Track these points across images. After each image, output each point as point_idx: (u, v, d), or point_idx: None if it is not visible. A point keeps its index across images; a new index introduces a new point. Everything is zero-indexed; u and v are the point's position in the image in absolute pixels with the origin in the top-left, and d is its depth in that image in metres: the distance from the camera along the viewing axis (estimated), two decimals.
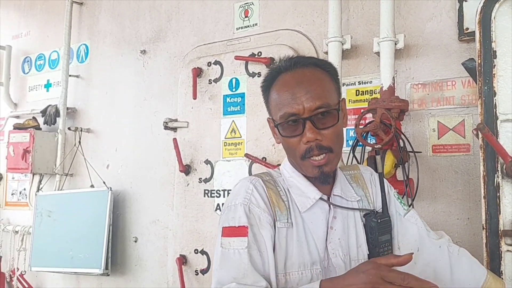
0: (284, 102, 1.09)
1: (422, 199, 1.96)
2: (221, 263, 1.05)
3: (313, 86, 1.08)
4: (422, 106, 2.01)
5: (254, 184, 1.13)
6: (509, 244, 1.44)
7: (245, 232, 1.06)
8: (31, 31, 3.61)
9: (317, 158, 1.08)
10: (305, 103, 1.06)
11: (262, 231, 1.08)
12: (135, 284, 2.83)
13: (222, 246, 1.07)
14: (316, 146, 1.07)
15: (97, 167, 3.02)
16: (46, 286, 3.27)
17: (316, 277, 1.10)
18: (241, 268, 1.02)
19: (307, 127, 1.06)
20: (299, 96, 1.07)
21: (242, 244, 1.05)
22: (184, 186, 2.58)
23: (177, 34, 2.79)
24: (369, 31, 2.15)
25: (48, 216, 3.00)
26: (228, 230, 1.08)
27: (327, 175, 1.12)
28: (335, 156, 1.12)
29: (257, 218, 1.08)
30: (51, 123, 3.16)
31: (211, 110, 2.54)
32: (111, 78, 3.08)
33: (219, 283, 1.02)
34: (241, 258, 1.03)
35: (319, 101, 1.07)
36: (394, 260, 0.91)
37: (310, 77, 1.10)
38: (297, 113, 1.07)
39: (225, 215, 1.11)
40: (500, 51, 1.52)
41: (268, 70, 1.20)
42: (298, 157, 1.11)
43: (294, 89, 1.08)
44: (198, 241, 2.50)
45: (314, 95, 1.07)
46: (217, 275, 1.04)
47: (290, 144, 1.11)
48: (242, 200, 1.10)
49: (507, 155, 1.42)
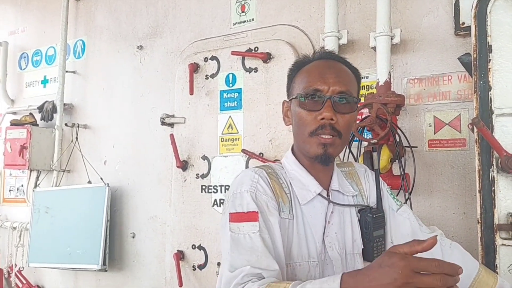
0: (313, 79, 1.15)
1: (418, 194, 1.97)
2: (232, 247, 1.04)
3: (342, 73, 1.16)
4: (418, 101, 2.02)
5: (259, 174, 1.15)
6: (503, 238, 1.45)
7: (256, 217, 1.06)
8: (27, 27, 3.60)
9: (325, 136, 1.11)
10: (331, 84, 1.12)
11: (271, 217, 1.09)
12: (133, 279, 2.84)
13: (231, 231, 1.07)
14: (329, 125, 1.11)
15: (94, 163, 3.02)
16: (44, 282, 3.28)
17: (313, 270, 1.12)
18: (254, 251, 1.02)
19: (326, 105, 1.11)
20: (328, 77, 1.13)
21: (253, 229, 1.05)
22: (181, 182, 2.59)
23: (174, 29, 2.79)
24: (365, 26, 2.15)
25: (46, 212, 3.01)
26: (236, 215, 1.08)
27: (329, 157, 1.14)
28: (341, 143, 1.15)
29: (265, 205, 1.09)
30: (48, 119, 3.16)
31: (208, 106, 2.54)
32: (108, 74, 3.08)
33: (232, 266, 1.01)
34: (253, 242, 1.03)
35: (344, 87, 1.13)
36: (418, 247, 0.80)
37: (340, 67, 1.18)
38: (321, 90, 1.12)
39: (231, 202, 1.11)
40: (496, 45, 1.52)
41: (301, 56, 1.26)
42: (307, 133, 1.13)
43: (325, 70, 1.15)
44: (195, 236, 2.50)
45: (341, 80, 1.14)
46: (230, 259, 1.03)
47: (304, 118, 1.14)
48: (249, 187, 1.11)
49: (502, 150, 1.42)
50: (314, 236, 1.14)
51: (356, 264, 1.19)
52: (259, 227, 1.05)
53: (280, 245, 1.07)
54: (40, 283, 3.28)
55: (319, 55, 1.22)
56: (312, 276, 1.11)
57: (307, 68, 1.20)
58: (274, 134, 2.31)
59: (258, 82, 2.37)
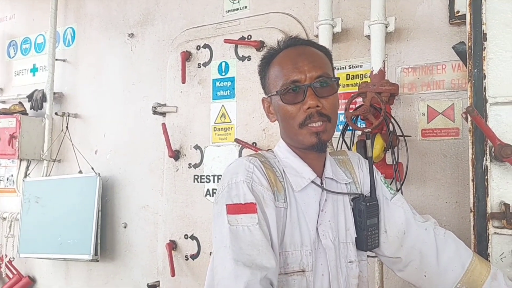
0: (286, 71, 1.13)
1: (411, 183, 1.97)
2: (232, 240, 1.02)
3: (314, 57, 1.14)
4: (412, 90, 2.01)
5: (254, 163, 1.13)
6: (496, 227, 1.45)
7: (254, 209, 1.05)
8: (16, 14, 3.53)
9: (315, 125, 1.10)
10: (307, 71, 1.11)
11: (267, 209, 1.08)
12: (124, 269, 2.83)
13: (230, 224, 1.05)
14: (317, 113, 1.10)
15: (85, 152, 2.99)
16: (35, 273, 3.25)
17: (305, 258, 1.11)
18: (255, 245, 1.01)
19: (308, 93, 1.10)
20: (302, 65, 1.12)
21: (252, 221, 1.04)
22: (173, 172, 2.57)
23: (166, 17, 2.75)
24: (360, 14, 2.13)
25: (36, 202, 2.98)
26: (233, 207, 1.07)
27: (323, 143, 1.13)
28: (332, 126, 1.14)
29: (261, 196, 1.08)
30: (37, 108, 3.12)
31: (200, 95, 2.51)
32: (98, 62, 3.03)
33: (236, 259, 0.99)
34: (253, 235, 1.02)
35: (320, 70, 1.12)
36: None
37: (310, 51, 1.16)
38: (299, 80, 1.11)
39: (227, 193, 1.09)
40: (491, 33, 1.50)
41: (267, 50, 1.23)
42: (297, 125, 1.12)
43: (297, 59, 1.13)
44: (188, 226, 2.49)
45: (316, 65, 1.12)
46: (231, 252, 1.01)
47: (289, 112, 1.12)
48: (244, 178, 1.09)
49: (495, 138, 1.41)
50: (308, 224, 1.13)
51: (349, 253, 1.18)
52: (258, 219, 1.04)
53: (276, 238, 1.06)
54: (31, 274, 3.26)
55: (285, 43, 1.19)
56: (304, 265, 1.11)
57: (277, 60, 1.18)
58: (267, 124, 2.30)
59: (251, 70, 2.35)
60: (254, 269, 0.98)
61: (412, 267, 1.22)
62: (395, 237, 1.23)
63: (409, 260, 1.23)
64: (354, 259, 1.19)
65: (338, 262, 1.16)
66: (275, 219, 1.07)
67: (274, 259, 1.01)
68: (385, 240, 1.24)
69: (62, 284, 3.10)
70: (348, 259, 1.18)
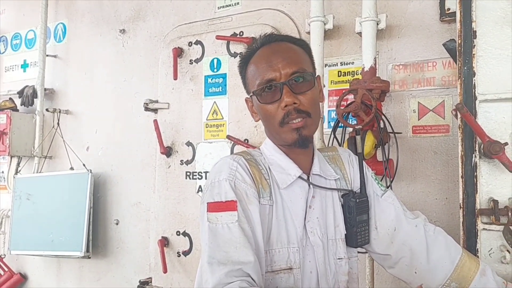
0: (261, 71, 1.12)
1: (402, 179, 1.98)
2: (210, 238, 1.03)
3: (289, 54, 1.13)
4: (403, 87, 2.02)
5: (237, 161, 1.13)
6: (485, 223, 1.47)
7: (234, 207, 1.05)
8: (6, 9, 3.49)
9: (295, 121, 1.10)
10: (281, 69, 1.10)
11: (250, 206, 1.07)
12: (116, 266, 2.82)
13: (209, 221, 1.05)
14: (294, 109, 1.09)
15: (76, 149, 2.97)
16: (26, 270, 3.24)
17: (292, 256, 1.11)
18: (232, 242, 1.01)
19: (284, 91, 1.09)
20: (276, 63, 1.11)
21: (231, 218, 1.04)
22: (165, 168, 2.56)
23: (157, 13, 2.73)
24: (351, 11, 2.13)
25: (27, 199, 2.96)
26: (214, 205, 1.07)
27: (305, 139, 1.13)
28: (313, 121, 1.13)
29: (244, 194, 1.08)
30: (28, 104, 3.09)
31: (192, 91, 2.50)
32: (89, 58, 3.01)
33: (211, 257, 1.01)
34: (231, 232, 1.02)
35: (295, 67, 1.10)
36: None
37: (285, 47, 1.15)
38: (274, 78, 1.10)
39: (209, 191, 1.10)
40: (480, 31, 1.51)
41: (245, 50, 1.22)
42: (277, 124, 1.12)
43: (271, 57, 1.12)
44: (180, 223, 2.49)
45: (290, 61, 1.11)
46: (208, 250, 1.02)
47: (268, 112, 1.12)
48: (227, 176, 1.09)
49: (484, 135, 1.43)
50: (294, 221, 1.13)
51: (338, 250, 1.19)
52: (238, 217, 1.04)
53: (260, 234, 1.06)
54: (22, 271, 3.24)
55: (261, 41, 1.18)
56: (291, 262, 1.11)
57: (253, 59, 1.17)
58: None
59: None
60: (228, 265, 0.98)
61: (402, 264, 1.23)
62: (385, 234, 1.24)
63: (399, 257, 1.23)
64: (343, 256, 1.19)
65: (327, 259, 1.16)
66: (259, 216, 1.07)
67: (252, 255, 1.01)
68: (375, 236, 1.25)
69: (53, 281, 3.09)
70: (337, 256, 1.18)
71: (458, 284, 1.18)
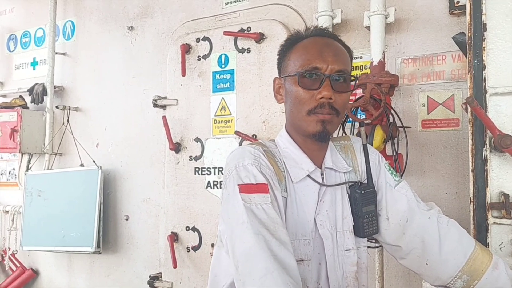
0: (311, 56, 1.13)
1: (411, 174, 1.97)
2: (249, 216, 1.01)
3: (339, 52, 1.16)
4: (412, 81, 2.01)
5: (258, 150, 1.14)
6: (495, 217, 1.46)
7: (266, 189, 1.06)
8: (15, 7, 3.52)
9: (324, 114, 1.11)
10: (330, 63, 1.11)
11: (276, 192, 1.09)
12: (127, 261, 2.85)
13: (243, 201, 1.04)
14: (328, 104, 1.11)
15: (86, 146, 2.99)
16: (38, 265, 3.28)
17: (303, 248, 1.12)
18: (271, 221, 1.01)
19: (325, 83, 1.10)
20: (326, 55, 1.12)
21: (265, 200, 1.04)
22: (174, 164, 2.57)
23: (165, 9, 2.74)
24: (359, 5, 2.12)
25: (38, 196, 2.99)
26: (245, 186, 1.06)
27: (327, 133, 1.14)
28: (338, 120, 1.16)
29: (270, 179, 1.09)
30: (38, 102, 3.12)
31: (200, 87, 2.51)
32: (98, 55, 3.03)
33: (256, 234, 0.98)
34: (268, 213, 1.02)
35: (342, 65, 1.13)
36: None
37: (337, 46, 1.18)
38: (320, 68, 1.11)
39: (236, 175, 1.09)
40: (491, 24, 1.50)
41: (295, 32, 1.23)
42: (305, 111, 1.12)
43: (323, 48, 1.14)
44: (189, 218, 2.50)
45: (339, 59, 1.13)
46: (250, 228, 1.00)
47: (301, 97, 1.13)
48: (252, 161, 1.09)
49: (495, 129, 1.42)
50: (306, 214, 1.14)
51: (346, 241, 1.19)
52: (271, 199, 1.05)
53: (284, 220, 1.07)
54: (34, 266, 3.29)
55: (314, 31, 1.19)
56: (303, 254, 1.12)
57: (303, 44, 1.17)
58: (267, 116, 2.30)
59: (251, 62, 2.35)
60: (277, 239, 0.98)
61: (414, 255, 1.23)
62: (397, 225, 1.24)
63: (410, 248, 1.23)
64: (351, 247, 1.19)
65: (336, 251, 1.16)
66: (282, 203, 1.09)
67: (288, 235, 1.02)
68: (386, 227, 1.25)
69: (65, 276, 3.13)
70: (345, 247, 1.18)
71: (469, 277, 1.17)
